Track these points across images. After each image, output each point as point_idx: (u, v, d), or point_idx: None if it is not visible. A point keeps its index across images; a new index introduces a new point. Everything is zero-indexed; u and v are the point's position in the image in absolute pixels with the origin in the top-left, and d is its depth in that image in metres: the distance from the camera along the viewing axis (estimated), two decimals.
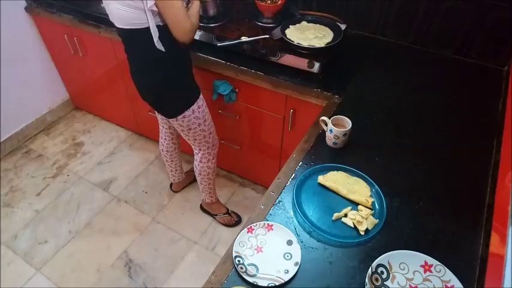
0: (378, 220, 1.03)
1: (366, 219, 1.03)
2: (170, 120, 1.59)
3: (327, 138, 1.26)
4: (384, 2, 1.68)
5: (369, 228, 1.01)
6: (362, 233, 1.01)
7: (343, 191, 1.10)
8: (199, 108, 1.57)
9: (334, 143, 1.24)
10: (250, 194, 2.29)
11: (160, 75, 1.42)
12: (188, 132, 1.65)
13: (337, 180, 1.14)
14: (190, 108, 1.54)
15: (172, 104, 1.53)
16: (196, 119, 1.59)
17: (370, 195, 1.09)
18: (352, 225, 1.03)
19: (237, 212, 2.18)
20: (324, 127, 1.27)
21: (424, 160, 1.23)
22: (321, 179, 1.15)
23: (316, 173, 1.17)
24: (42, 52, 2.49)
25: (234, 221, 2.12)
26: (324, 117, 1.26)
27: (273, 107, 1.72)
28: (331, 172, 1.16)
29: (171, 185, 2.30)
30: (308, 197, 1.11)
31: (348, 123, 1.22)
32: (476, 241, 1.00)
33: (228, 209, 2.14)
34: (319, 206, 1.09)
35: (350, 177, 1.15)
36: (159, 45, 1.32)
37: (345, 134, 1.20)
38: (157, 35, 1.30)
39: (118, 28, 1.37)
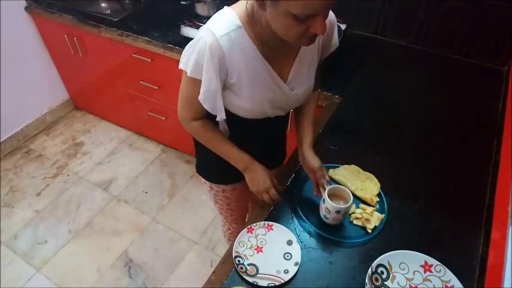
0: (383, 214, 1.04)
1: (371, 216, 1.03)
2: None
3: (319, 207, 1.04)
4: (384, 2, 1.68)
5: (376, 225, 1.02)
6: (370, 231, 1.01)
7: (351, 187, 1.11)
8: (211, 191, 1.37)
9: (325, 217, 1.02)
10: (250, 194, 2.28)
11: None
12: (212, 200, 1.45)
13: (346, 175, 1.14)
14: (208, 184, 1.33)
15: (199, 157, 1.31)
16: (212, 196, 1.39)
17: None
18: (361, 224, 1.03)
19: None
20: (322, 190, 1.04)
21: (424, 160, 1.23)
22: (331, 172, 1.15)
23: None
24: (42, 52, 2.49)
25: None
26: (328, 178, 1.05)
27: None
28: (344, 166, 1.16)
29: None
30: (310, 198, 1.11)
31: (348, 197, 1.00)
32: (476, 241, 1.00)
33: None
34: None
35: (362, 173, 1.15)
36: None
37: (338, 211, 0.97)
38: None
39: None
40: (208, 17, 1.91)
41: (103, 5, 2.26)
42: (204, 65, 0.87)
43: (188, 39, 0.96)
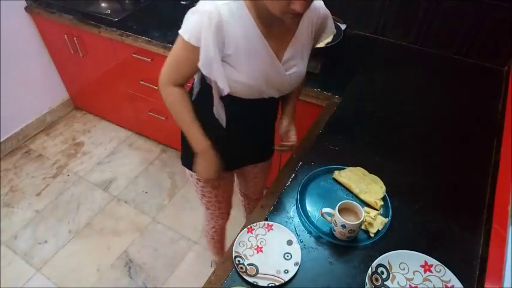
0: (387, 219, 1.03)
1: (375, 220, 1.02)
2: None
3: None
4: (384, 2, 1.68)
5: (379, 229, 1.01)
6: (372, 235, 1.00)
7: (355, 190, 1.10)
8: (197, 184, 1.34)
9: (332, 228, 1.01)
10: None
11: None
12: (196, 190, 1.41)
13: (352, 177, 1.14)
14: (191, 173, 1.30)
15: (185, 149, 1.27)
16: (193, 184, 1.36)
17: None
18: (364, 228, 1.02)
19: (237, 211, 2.17)
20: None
21: (424, 160, 1.23)
22: (336, 174, 1.15)
23: (317, 176, 1.16)
24: (42, 52, 2.49)
25: None
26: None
27: None
28: (349, 168, 1.16)
29: None
30: (311, 198, 1.11)
31: (359, 213, 0.96)
32: (476, 241, 1.00)
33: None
34: (325, 207, 1.05)
35: (367, 175, 1.15)
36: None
37: (343, 226, 0.95)
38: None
39: None
40: None
41: (103, 5, 2.26)
42: (202, 32, 0.89)
43: None
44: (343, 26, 1.68)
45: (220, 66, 0.94)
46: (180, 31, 0.94)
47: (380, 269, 0.92)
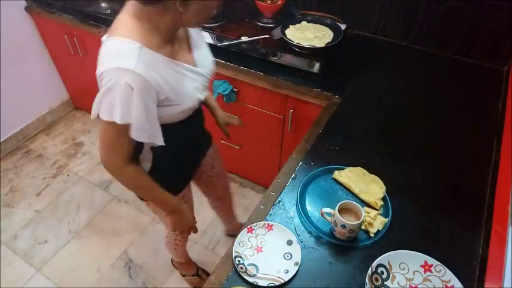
0: (387, 219, 1.03)
1: (375, 220, 1.02)
2: None
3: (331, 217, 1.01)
4: (384, 2, 1.68)
5: (379, 229, 1.01)
6: (372, 235, 1.00)
7: (355, 190, 1.10)
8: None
9: (332, 228, 1.01)
10: (250, 194, 2.28)
11: None
12: (155, 211, 1.37)
13: (352, 177, 1.14)
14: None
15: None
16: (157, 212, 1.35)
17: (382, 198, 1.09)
18: (364, 228, 1.02)
19: (237, 211, 2.17)
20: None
21: (424, 160, 1.23)
22: (336, 174, 1.15)
23: (317, 176, 1.16)
24: (42, 52, 2.49)
25: (201, 284, 1.85)
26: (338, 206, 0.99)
27: (273, 107, 1.72)
28: (349, 168, 1.16)
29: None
30: (311, 198, 1.11)
31: (359, 215, 0.96)
32: (476, 241, 1.00)
33: (198, 270, 1.88)
34: (325, 207, 1.05)
35: (367, 175, 1.15)
36: None
37: (343, 226, 0.95)
38: None
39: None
40: None
41: (103, 5, 2.26)
42: (134, 104, 0.84)
43: None
44: (343, 26, 1.69)
45: (156, 122, 0.92)
46: (102, 116, 0.86)
47: (380, 269, 0.92)
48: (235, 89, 1.74)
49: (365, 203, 1.08)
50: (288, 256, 0.97)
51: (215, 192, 1.67)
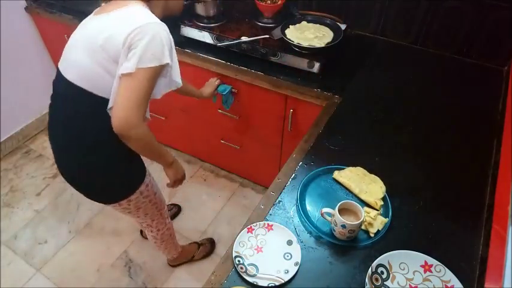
0: (387, 219, 1.03)
1: (375, 220, 1.02)
2: (110, 205, 1.31)
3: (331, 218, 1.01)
4: (384, 2, 1.68)
5: (379, 229, 1.01)
6: (372, 235, 1.00)
7: (355, 190, 1.10)
8: (147, 186, 1.34)
9: (332, 228, 1.01)
10: (250, 194, 2.29)
11: (102, 154, 1.14)
12: (138, 211, 1.39)
13: (351, 177, 1.14)
14: (138, 191, 1.29)
15: (111, 190, 1.26)
16: (145, 197, 1.35)
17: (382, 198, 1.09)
18: (364, 228, 1.01)
19: (237, 211, 2.18)
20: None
21: (424, 160, 1.23)
22: (336, 174, 1.15)
23: (317, 176, 1.16)
24: (42, 52, 2.49)
25: (208, 248, 1.97)
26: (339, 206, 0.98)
27: (273, 107, 1.72)
28: (349, 168, 1.16)
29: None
30: (311, 198, 1.11)
31: (359, 215, 0.96)
32: (476, 241, 1.00)
33: (197, 243, 1.96)
34: (325, 207, 1.05)
35: (367, 175, 1.15)
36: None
37: (343, 226, 0.95)
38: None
39: (67, 82, 1.06)
40: (208, 17, 1.90)
41: (103, 5, 2.26)
42: (173, 49, 1.05)
43: (188, 39, 0.97)
44: (343, 26, 1.68)
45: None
46: (148, 64, 0.97)
47: (380, 269, 0.92)
48: (234, 89, 1.73)
49: (365, 203, 1.08)
50: (288, 256, 0.97)
51: None
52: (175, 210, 2.15)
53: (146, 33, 0.96)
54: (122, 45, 0.97)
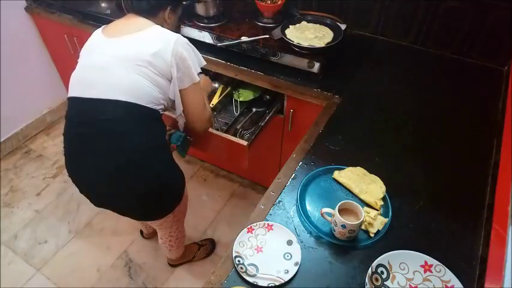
0: (387, 219, 1.03)
1: (375, 220, 1.02)
2: (159, 221, 1.37)
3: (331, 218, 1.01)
4: (384, 2, 1.68)
5: (379, 229, 1.01)
6: (372, 235, 1.00)
7: (355, 190, 1.10)
8: (182, 206, 1.42)
9: (332, 228, 1.01)
10: (250, 194, 2.29)
11: (161, 159, 1.21)
12: (178, 222, 1.49)
13: (351, 177, 1.13)
14: (184, 195, 1.37)
15: (169, 197, 1.31)
16: (183, 204, 1.42)
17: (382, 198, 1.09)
18: (364, 228, 1.01)
19: (237, 211, 2.18)
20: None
21: (424, 160, 1.23)
22: (336, 174, 1.15)
23: (317, 176, 1.16)
24: (42, 52, 2.49)
25: (209, 249, 1.97)
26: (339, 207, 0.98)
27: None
28: (349, 168, 1.16)
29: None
30: (312, 198, 1.11)
31: (359, 215, 0.96)
32: (476, 241, 1.00)
33: (197, 244, 1.96)
34: (325, 207, 1.05)
35: (367, 175, 1.14)
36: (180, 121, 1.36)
37: (343, 226, 0.95)
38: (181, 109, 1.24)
39: (108, 101, 1.11)
40: (208, 17, 1.90)
41: (103, 5, 2.26)
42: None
43: (188, 39, 0.97)
44: (343, 26, 1.68)
45: None
46: (199, 69, 1.23)
47: (380, 269, 0.92)
48: (190, 138, 1.51)
49: (365, 203, 1.08)
50: (288, 256, 0.97)
51: None
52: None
53: (182, 44, 1.17)
54: (171, 59, 1.14)
